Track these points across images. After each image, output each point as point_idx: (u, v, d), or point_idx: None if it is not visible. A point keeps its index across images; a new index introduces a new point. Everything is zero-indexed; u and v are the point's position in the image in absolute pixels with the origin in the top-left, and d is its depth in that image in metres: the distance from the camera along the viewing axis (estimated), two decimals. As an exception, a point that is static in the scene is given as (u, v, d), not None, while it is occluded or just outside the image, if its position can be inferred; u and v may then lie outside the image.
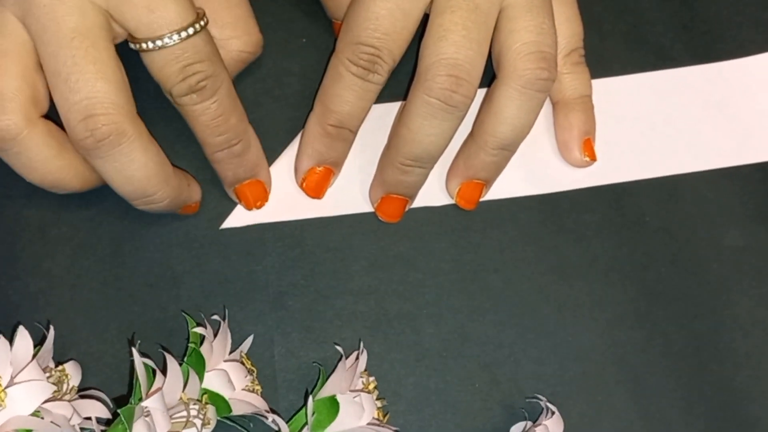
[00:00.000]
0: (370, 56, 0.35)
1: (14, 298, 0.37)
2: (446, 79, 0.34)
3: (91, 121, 0.32)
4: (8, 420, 0.29)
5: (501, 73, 0.36)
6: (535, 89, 0.36)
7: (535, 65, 0.35)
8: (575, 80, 0.40)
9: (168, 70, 0.33)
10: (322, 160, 0.38)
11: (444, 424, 0.36)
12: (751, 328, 0.38)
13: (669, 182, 0.40)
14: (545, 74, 0.36)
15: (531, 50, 0.36)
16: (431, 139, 0.36)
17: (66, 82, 0.32)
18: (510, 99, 0.36)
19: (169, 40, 0.33)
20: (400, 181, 0.37)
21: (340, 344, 0.36)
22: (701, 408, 0.37)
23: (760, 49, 0.43)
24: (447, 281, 0.38)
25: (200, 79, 0.34)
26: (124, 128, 0.33)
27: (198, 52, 0.33)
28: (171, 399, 0.31)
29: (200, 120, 0.35)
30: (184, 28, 0.33)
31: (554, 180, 0.40)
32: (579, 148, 0.40)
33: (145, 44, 0.33)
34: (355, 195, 0.39)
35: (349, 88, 0.36)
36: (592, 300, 0.39)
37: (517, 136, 0.37)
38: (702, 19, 0.43)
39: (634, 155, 0.41)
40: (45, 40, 0.32)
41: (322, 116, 0.37)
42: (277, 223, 0.39)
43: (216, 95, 0.34)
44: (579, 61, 0.40)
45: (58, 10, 0.32)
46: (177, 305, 0.37)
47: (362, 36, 0.35)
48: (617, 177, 0.40)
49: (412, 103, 0.36)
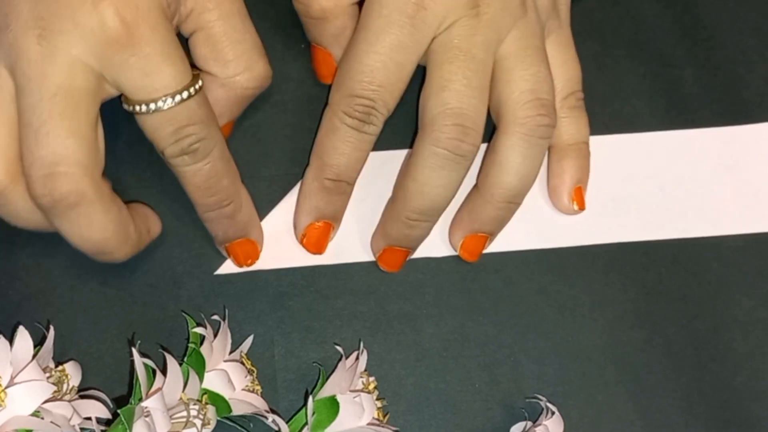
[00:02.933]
0: (365, 108, 0.35)
1: (14, 298, 0.37)
2: (453, 128, 0.34)
3: (51, 179, 0.32)
4: (8, 420, 0.29)
5: (502, 124, 0.36)
6: (537, 136, 0.36)
7: (535, 112, 0.35)
8: (571, 125, 0.39)
9: (161, 133, 0.33)
10: (320, 216, 0.37)
11: (444, 424, 0.36)
12: (751, 328, 0.38)
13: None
14: (546, 120, 0.36)
15: (529, 98, 0.35)
16: (439, 191, 0.36)
17: (36, 134, 0.32)
18: (513, 148, 0.36)
19: (163, 104, 0.32)
20: (405, 236, 0.37)
21: (340, 344, 0.36)
22: (701, 408, 0.37)
23: (760, 55, 0.43)
24: (447, 281, 0.38)
25: (193, 141, 0.33)
26: (83, 190, 0.32)
27: (192, 115, 0.33)
28: (171, 399, 0.31)
29: (192, 181, 0.35)
30: (178, 92, 0.33)
31: (554, 236, 0.40)
32: (569, 196, 0.39)
33: (138, 107, 0.33)
34: (354, 244, 0.39)
35: (345, 140, 0.36)
36: (592, 300, 0.39)
37: (523, 185, 0.37)
38: (703, 26, 0.43)
39: (641, 214, 0.40)
40: (27, 92, 0.32)
41: (319, 171, 0.37)
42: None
43: (208, 157, 0.34)
44: (577, 105, 0.39)
45: (46, 68, 0.32)
46: (177, 305, 0.37)
47: (357, 89, 0.35)
48: (620, 236, 0.40)
49: (419, 155, 0.35)
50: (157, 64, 0.32)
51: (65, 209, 0.32)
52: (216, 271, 0.38)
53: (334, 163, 0.36)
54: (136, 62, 0.32)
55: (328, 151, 0.36)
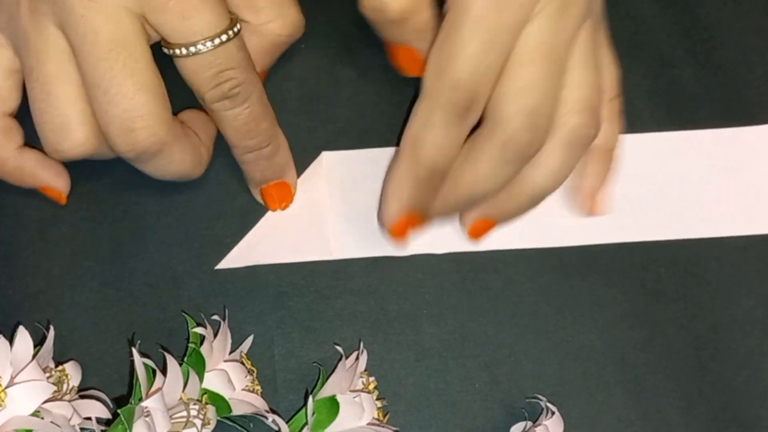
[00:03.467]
0: (469, 98, 0.34)
1: (14, 298, 0.37)
2: (525, 135, 0.34)
3: (132, 135, 0.33)
4: (8, 420, 0.29)
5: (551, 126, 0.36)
6: (581, 145, 0.35)
7: (585, 121, 0.35)
8: (607, 130, 0.38)
9: (201, 77, 0.33)
10: (412, 209, 0.36)
11: (444, 424, 0.36)
12: (751, 328, 0.38)
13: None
14: (593, 131, 0.35)
15: (583, 107, 0.35)
16: (490, 186, 0.35)
17: (105, 94, 0.33)
18: (554, 152, 0.35)
19: (202, 47, 0.33)
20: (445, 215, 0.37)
21: (340, 344, 0.36)
22: (701, 408, 0.37)
23: (760, 55, 0.43)
24: (447, 281, 0.38)
25: (233, 85, 0.34)
26: (162, 138, 0.34)
27: (231, 58, 0.33)
28: (171, 399, 0.31)
29: (232, 125, 0.35)
30: (217, 35, 0.33)
31: (554, 236, 0.39)
32: (584, 200, 0.39)
33: (178, 50, 0.33)
34: (355, 242, 0.39)
35: (447, 135, 0.34)
36: (592, 300, 0.39)
37: (552, 188, 0.36)
38: (703, 26, 0.43)
39: (642, 215, 0.40)
40: (84, 52, 0.33)
41: (416, 162, 0.35)
42: (277, 223, 0.39)
43: (248, 101, 0.35)
44: (617, 111, 0.39)
45: (95, 20, 0.32)
46: (177, 305, 0.37)
47: (461, 78, 0.33)
48: (621, 236, 0.40)
49: (485, 151, 0.34)
50: (196, 7, 0.33)
51: (148, 158, 0.34)
52: (217, 266, 0.38)
53: (433, 158, 0.35)
54: (175, 5, 0.32)
55: (426, 145, 0.35)
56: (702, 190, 0.41)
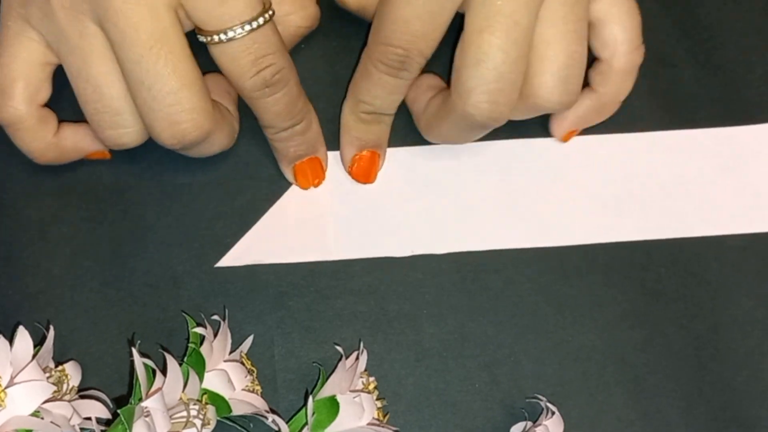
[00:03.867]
0: (399, 57, 0.35)
1: (14, 298, 0.37)
2: (487, 106, 0.35)
3: (178, 129, 0.34)
4: (8, 420, 0.29)
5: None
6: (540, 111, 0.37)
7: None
8: (622, 84, 0.39)
9: (240, 63, 0.34)
10: (363, 145, 0.38)
11: (444, 424, 0.36)
12: (751, 328, 0.38)
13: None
14: (560, 108, 0.37)
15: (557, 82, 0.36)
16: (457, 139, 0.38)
17: (149, 90, 0.33)
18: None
19: (241, 31, 0.33)
20: None
21: (340, 344, 0.36)
22: (701, 408, 0.37)
23: (760, 55, 0.43)
24: (447, 281, 0.38)
25: (274, 72, 0.34)
26: (207, 129, 0.34)
27: (268, 42, 0.34)
28: (171, 399, 0.31)
29: (272, 110, 0.36)
30: (254, 19, 0.33)
31: (554, 235, 0.40)
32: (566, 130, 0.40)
33: (215, 36, 0.33)
34: (355, 241, 0.39)
35: (380, 85, 0.37)
36: (592, 300, 0.39)
37: None
38: (703, 26, 0.43)
39: (642, 214, 0.40)
40: (125, 47, 0.33)
41: (355, 106, 0.38)
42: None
43: (287, 86, 0.35)
44: (638, 64, 0.39)
45: (134, 16, 0.32)
46: (177, 305, 0.37)
47: (391, 38, 0.35)
48: (620, 236, 0.40)
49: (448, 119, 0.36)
50: None
51: (193, 147, 0.35)
52: (216, 264, 0.38)
53: (369, 102, 0.37)
54: None
55: (362, 90, 0.37)
56: (701, 189, 0.41)
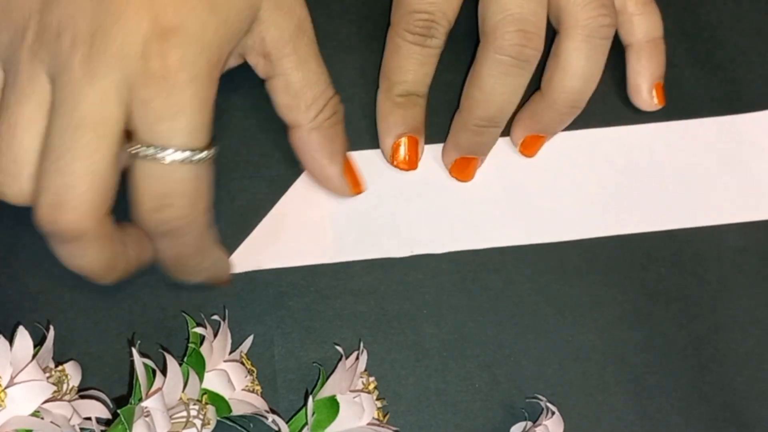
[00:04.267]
0: (425, 22, 0.36)
1: (14, 298, 0.37)
2: (516, 34, 0.35)
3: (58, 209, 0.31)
4: (8, 420, 0.29)
5: (563, 27, 0.37)
6: (600, 36, 0.36)
7: (596, 13, 0.36)
8: (645, 21, 0.40)
9: (147, 187, 0.31)
10: (400, 132, 0.38)
11: (444, 424, 0.36)
12: (751, 328, 0.38)
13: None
14: (607, 20, 0.36)
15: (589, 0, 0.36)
16: (505, 97, 0.36)
17: (56, 161, 0.30)
18: (576, 51, 0.36)
19: (166, 155, 0.30)
20: (475, 143, 0.38)
21: (340, 344, 0.36)
22: (701, 408, 0.37)
23: (760, 55, 0.43)
24: (447, 281, 0.38)
25: (172, 217, 0.32)
26: (85, 229, 0.31)
27: (186, 182, 0.31)
28: (171, 399, 0.31)
29: (159, 249, 0.34)
30: (185, 150, 0.31)
31: (554, 230, 0.40)
32: (648, 91, 0.40)
33: (141, 149, 0.31)
34: (355, 242, 0.39)
35: (410, 57, 0.37)
36: (592, 300, 0.39)
37: (587, 88, 0.38)
38: (703, 26, 0.43)
39: (642, 206, 0.40)
40: (59, 113, 0.31)
41: (389, 90, 0.38)
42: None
43: (183, 239, 0.33)
44: (648, 1, 0.40)
45: (83, 91, 0.30)
46: (177, 305, 0.37)
47: (413, 3, 0.36)
48: (621, 229, 0.40)
49: (483, 65, 0.36)
50: (176, 115, 0.30)
51: (63, 240, 0.32)
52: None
53: (402, 80, 0.37)
54: (158, 104, 0.30)
55: (393, 69, 0.37)
56: (702, 179, 0.41)
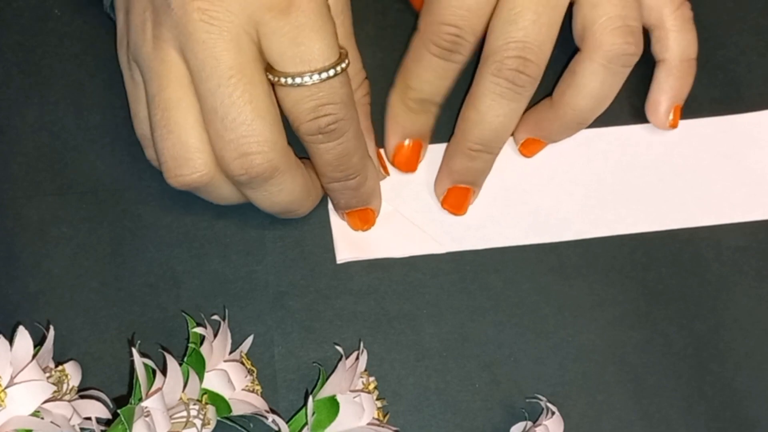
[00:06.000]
0: (453, 36, 0.35)
1: (14, 298, 0.37)
2: (515, 60, 0.35)
3: (247, 159, 0.33)
4: (8, 420, 0.29)
5: (585, 47, 0.36)
6: (621, 64, 0.36)
7: (622, 40, 0.35)
8: (683, 40, 0.39)
9: (300, 107, 0.33)
10: (407, 135, 0.38)
11: (444, 424, 0.36)
12: (751, 328, 0.38)
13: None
14: (632, 49, 0.36)
15: (617, 24, 0.35)
16: (500, 119, 0.36)
17: (222, 120, 0.32)
18: (594, 74, 0.36)
19: (308, 79, 0.32)
20: (468, 168, 0.38)
21: (340, 344, 0.36)
22: (701, 408, 0.37)
23: (760, 55, 0.43)
24: (447, 281, 0.38)
25: (330, 122, 0.33)
26: (276, 164, 0.33)
27: (334, 94, 0.33)
28: (171, 399, 0.31)
29: (323, 158, 0.35)
30: (325, 69, 0.32)
31: (554, 230, 0.39)
32: (666, 111, 0.40)
33: (283, 79, 0.33)
34: (359, 241, 0.39)
35: (431, 68, 0.37)
36: (592, 300, 0.39)
37: (597, 110, 0.38)
38: (703, 26, 0.43)
39: (642, 206, 0.40)
40: (203, 77, 0.32)
41: (404, 93, 0.38)
42: (278, 224, 0.39)
43: (342, 138, 0.34)
44: (689, 16, 0.39)
45: (216, 46, 0.32)
46: (177, 305, 0.37)
47: (445, 15, 0.35)
48: (620, 229, 0.40)
49: (480, 85, 0.36)
50: (309, 37, 0.32)
51: (260, 183, 0.34)
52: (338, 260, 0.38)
53: (419, 88, 0.37)
54: (289, 31, 0.32)
55: (412, 76, 0.37)
56: (702, 179, 0.41)
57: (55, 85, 0.40)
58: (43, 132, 0.40)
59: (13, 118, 0.40)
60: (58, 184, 0.39)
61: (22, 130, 0.40)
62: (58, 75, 0.40)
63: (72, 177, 0.39)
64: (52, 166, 0.39)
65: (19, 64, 0.41)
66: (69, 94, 0.39)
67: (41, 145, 0.39)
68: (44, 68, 0.41)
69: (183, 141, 0.34)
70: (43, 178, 0.39)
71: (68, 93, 0.40)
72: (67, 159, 0.39)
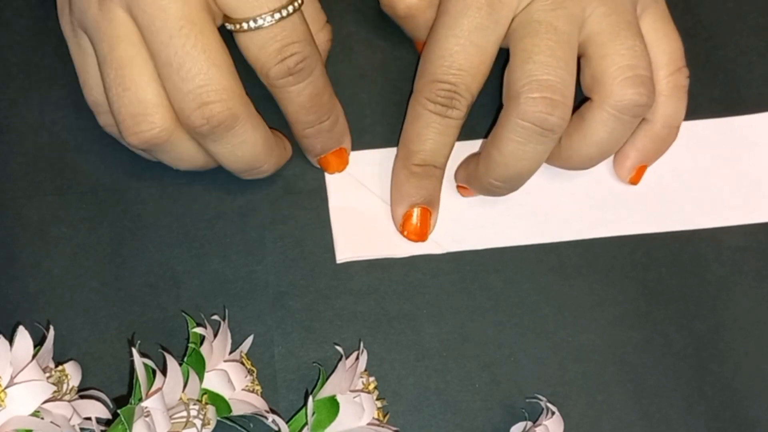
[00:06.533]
0: (447, 92, 0.35)
1: (14, 298, 0.37)
2: (540, 101, 0.34)
3: (207, 109, 0.33)
4: (8, 420, 0.29)
5: (595, 96, 0.36)
6: (632, 115, 0.35)
7: (632, 91, 0.35)
8: (670, 106, 0.38)
9: (265, 52, 0.34)
10: (413, 202, 0.38)
11: (444, 424, 0.36)
12: (751, 328, 0.38)
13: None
14: (644, 99, 0.35)
15: (628, 74, 0.35)
16: (524, 163, 0.35)
17: (178, 72, 0.33)
18: (603, 123, 0.35)
19: (269, 19, 0.33)
20: (487, 192, 0.38)
21: (340, 344, 0.36)
22: (701, 408, 0.37)
23: (760, 55, 0.43)
24: (447, 281, 0.38)
25: (298, 60, 0.34)
26: (236, 112, 0.33)
27: (295, 31, 0.34)
28: (171, 399, 0.31)
29: (295, 101, 0.35)
30: (283, 7, 0.33)
31: (554, 230, 0.39)
32: (631, 168, 0.39)
33: (243, 24, 0.33)
34: (360, 241, 0.39)
35: (429, 126, 0.36)
36: (592, 300, 0.39)
37: (602, 156, 0.37)
38: (704, 26, 0.43)
39: (642, 207, 0.40)
40: (154, 31, 0.33)
41: (406, 158, 0.37)
42: (278, 224, 0.39)
43: (311, 76, 0.35)
44: (683, 84, 0.38)
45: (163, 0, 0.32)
46: (177, 305, 0.37)
47: (437, 73, 0.35)
48: (620, 230, 0.40)
49: (505, 128, 0.35)
50: None
51: (222, 132, 0.34)
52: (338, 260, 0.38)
53: (420, 149, 0.37)
54: None
55: (412, 138, 0.37)
56: (701, 181, 0.41)
57: (55, 85, 0.40)
58: (43, 132, 0.40)
59: (13, 118, 0.40)
60: (58, 184, 0.39)
61: (22, 130, 0.40)
62: (58, 75, 0.40)
63: (72, 177, 0.39)
64: (52, 166, 0.39)
65: (19, 64, 0.41)
66: (69, 94, 0.39)
67: (41, 145, 0.39)
68: (44, 68, 0.41)
69: (140, 98, 0.33)
70: (43, 178, 0.39)
71: (68, 93, 0.40)
72: (67, 159, 0.39)
